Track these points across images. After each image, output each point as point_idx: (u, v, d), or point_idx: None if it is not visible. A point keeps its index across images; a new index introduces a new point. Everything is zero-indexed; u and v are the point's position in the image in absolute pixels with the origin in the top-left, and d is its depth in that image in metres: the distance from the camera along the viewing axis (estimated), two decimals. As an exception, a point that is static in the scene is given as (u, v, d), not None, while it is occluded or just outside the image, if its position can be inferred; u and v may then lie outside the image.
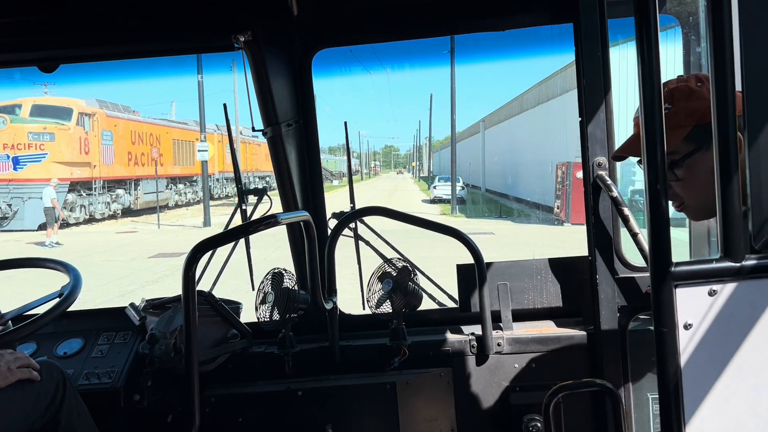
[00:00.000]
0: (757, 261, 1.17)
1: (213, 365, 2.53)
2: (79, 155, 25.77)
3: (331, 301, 2.62)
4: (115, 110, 28.92)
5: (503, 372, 2.59)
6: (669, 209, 1.19)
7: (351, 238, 2.93)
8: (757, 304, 1.18)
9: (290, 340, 2.59)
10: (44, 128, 24.75)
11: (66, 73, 2.76)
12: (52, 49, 2.54)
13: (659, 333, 1.20)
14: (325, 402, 2.53)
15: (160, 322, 2.35)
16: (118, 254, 17.49)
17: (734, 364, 1.20)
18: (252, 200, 2.93)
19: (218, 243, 2.13)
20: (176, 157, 33.50)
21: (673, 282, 1.18)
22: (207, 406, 2.53)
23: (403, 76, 43.50)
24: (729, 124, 1.16)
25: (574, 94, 2.46)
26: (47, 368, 2.20)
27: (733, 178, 1.16)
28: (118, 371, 2.51)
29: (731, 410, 1.21)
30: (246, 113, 2.59)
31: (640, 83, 1.19)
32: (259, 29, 2.38)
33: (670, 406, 1.21)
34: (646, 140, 1.17)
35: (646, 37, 1.16)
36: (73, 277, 2.37)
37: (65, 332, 2.71)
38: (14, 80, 3.40)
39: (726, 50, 1.14)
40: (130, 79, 4.26)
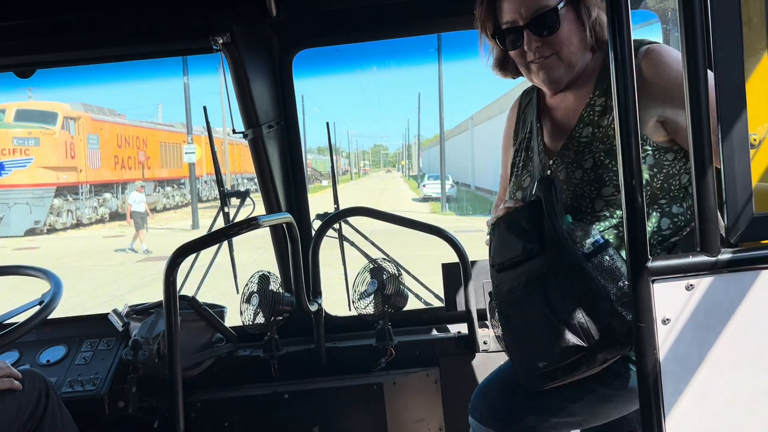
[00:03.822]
0: (732, 255, 1.18)
1: (198, 370, 2.51)
2: (64, 159, 25.55)
3: (316, 302, 2.61)
4: (100, 114, 28.70)
5: (490, 370, 2.58)
6: (645, 204, 1.20)
7: (336, 239, 2.93)
8: (734, 298, 1.19)
9: (276, 343, 2.58)
10: (29, 133, 24.52)
11: (48, 77, 2.72)
12: (28, 54, 2.52)
13: (637, 328, 1.20)
14: (311, 404, 2.52)
15: (143, 328, 2.33)
16: (106, 259, 17.36)
17: (712, 358, 1.20)
18: (235, 203, 2.92)
19: (199, 247, 2.11)
20: (163, 159, 33.31)
21: (651, 277, 1.18)
22: (193, 411, 2.52)
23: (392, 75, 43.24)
24: (703, 119, 1.16)
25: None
26: (29, 377, 2.18)
27: (708, 172, 1.16)
28: (102, 378, 2.49)
29: (710, 403, 1.22)
30: (235, 114, 2.58)
31: (612, 80, 1.19)
32: (238, 31, 2.36)
33: (649, 400, 1.21)
34: (620, 137, 1.17)
35: (619, 32, 1.16)
36: (54, 284, 2.34)
37: (48, 340, 2.68)
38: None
39: (698, 43, 1.14)
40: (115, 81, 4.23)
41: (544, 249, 1.54)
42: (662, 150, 1.62)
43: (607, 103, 1.67)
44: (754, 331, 1.19)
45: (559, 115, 1.79)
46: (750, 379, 1.20)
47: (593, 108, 1.69)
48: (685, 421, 1.21)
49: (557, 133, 1.78)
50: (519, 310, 1.57)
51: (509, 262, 1.61)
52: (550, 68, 1.70)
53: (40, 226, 24.42)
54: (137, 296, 11.16)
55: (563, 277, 1.49)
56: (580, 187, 1.65)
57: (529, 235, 1.57)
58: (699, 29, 1.14)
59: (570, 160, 1.69)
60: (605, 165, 1.63)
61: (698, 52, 1.13)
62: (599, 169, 1.63)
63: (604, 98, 1.68)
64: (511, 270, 1.60)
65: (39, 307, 2.28)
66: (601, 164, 1.63)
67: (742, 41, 1.15)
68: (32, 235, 23.82)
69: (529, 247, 1.56)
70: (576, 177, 1.66)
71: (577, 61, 1.71)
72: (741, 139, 1.17)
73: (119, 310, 2.58)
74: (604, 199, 1.63)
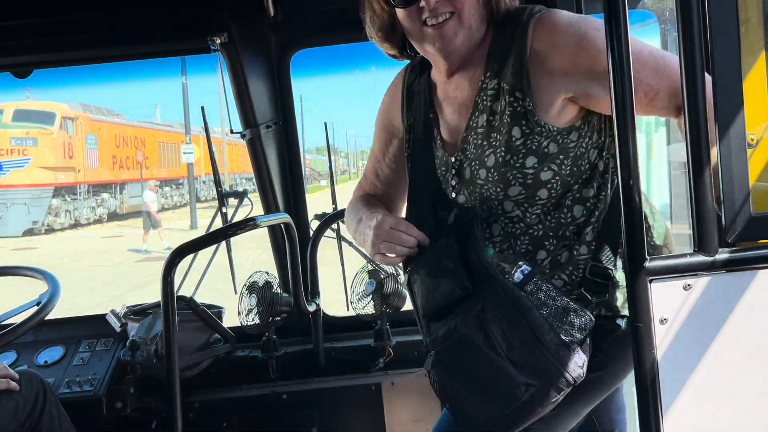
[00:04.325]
0: (730, 254, 1.17)
1: (196, 370, 2.51)
2: (63, 160, 25.52)
3: (314, 303, 2.61)
4: (98, 114, 28.67)
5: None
6: (642, 205, 1.20)
7: (334, 239, 2.93)
8: (731, 297, 1.19)
9: (274, 344, 2.58)
10: (27, 133, 24.48)
11: (46, 77, 2.72)
12: (26, 55, 2.51)
13: (635, 328, 1.20)
14: (310, 405, 2.52)
15: (141, 328, 2.33)
16: (105, 259, 17.35)
17: (710, 357, 1.20)
18: (233, 203, 2.92)
19: (197, 247, 2.12)
20: (162, 160, 33.29)
21: (648, 277, 1.18)
22: (191, 411, 2.52)
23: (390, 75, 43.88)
24: (700, 119, 1.16)
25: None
26: (27, 378, 2.17)
27: (705, 171, 1.16)
28: (100, 379, 2.49)
29: (708, 402, 1.22)
30: (233, 114, 2.58)
31: (610, 79, 1.19)
32: (236, 31, 2.36)
33: (647, 400, 1.21)
34: (618, 136, 1.17)
35: (616, 32, 1.16)
36: (51, 284, 2.34)
37: (46, 340, 2.68)
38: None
39: (695, 43, 1.14)
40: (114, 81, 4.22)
41: (475, 285, 1.40)
42: (564, 133, 1.45)
43: (500, 86, 1.47)
44: (752, 331, 1.19)
45: (454, 103, 1.58)
46: (748, 378, 1.20)
47: (486, 92, 1.49)
48: (683, 421, 1.21)
49: (454, 124, 1.58)
50: (459, 356, 1.41)
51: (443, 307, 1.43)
52: (447, 35, 1.47)
53: (39, 227, 24.39)
54: (136, 296, 11.16)
55: (501, 312, 1.36)
56: (486, 189, 1.49)
57: (456, 274, 1.41)
58: (696, 29, 1.14)
59: (472, 156, 1.52)
60: (507, 162, 1.45)
61: (695, 51, 1.13)
62: (502, 167, 1.46)
63: (496, 80, 1.48)
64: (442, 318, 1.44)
65: (36, 308, 2.28)
66: (503, 161, 1.46)
67: (740, 41, 1.15)
68: (30, 235, 23.78)
69: (463, 287, 1.40)
70: (481, 177, 1.50)
71: (476, 30, 1.50)
72: (738, 139, 1.16)
73: (117, 310, 2.58)
74: (512, 199, 1.48)
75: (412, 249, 1.48)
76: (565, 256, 1.48)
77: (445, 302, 1.43)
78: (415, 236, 1.48)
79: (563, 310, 1.37)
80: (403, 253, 1.49)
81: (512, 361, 1.35)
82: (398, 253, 1.49)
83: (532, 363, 1.34)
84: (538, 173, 1.44)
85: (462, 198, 1.55)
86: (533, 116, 1.43)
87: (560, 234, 1.48)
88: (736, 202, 1.17)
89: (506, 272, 1.40)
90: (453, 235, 1.45)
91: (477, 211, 1.50)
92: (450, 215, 1.49)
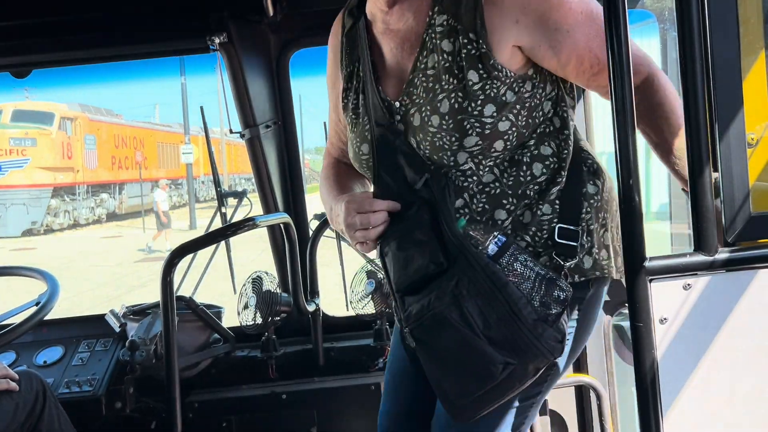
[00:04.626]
0: (729, 254, 1.18)
1: (196, 370, 2.51)
2: (61, 160, 25.49)
3: (314, 303, 2.61)
4: (97, 114, 28.64)
5: None
6: (642, 204, 1.20)
7: (334, 239, 2.93)
8: (731, 297, 1.19)
9: (273, 344, 2.57)
10: (26, 133, 24.46)
11: (45, 78, 2.72)
12: (25, 55, 2.51)
13: (635, 328, 1.20)
14: (309, 404, 2.52)
15: (140, 329, 2.33)
16: (104, 259, 17.34)
17: (710, 357, 1.20)
18: (233, 203, 2.92)
19: (196, 247, 2.12)
20: (161, 160, 33.28)
21: (648, 277, 1.18)
22: (190, 411, 2.51)
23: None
24: (700, 118, 1.16)
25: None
26: (26, 378, 2.17)
27: (705, 171, 1.16)
28: (99, 379, 2.49)
29: (708, 402, 1.22)
30: (232, 114, 2.58)
31: (610, 78, 1.19)
32: (235, 31, 2.36)
33: (647, 399, 1.21)
34: (618, 136, 1.17)
35: (615, 31, 1.16)
36: (51, 285, 2.34)
37: (45, 341, 2.68)
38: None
39: (695, 42, 1.14)
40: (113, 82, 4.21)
41: (449, 260, 1.32)
42: (519, 81, 1.36)
43: (450, 23, 1.35)
44: (751, 331, 1.19)
45: (396, 38, 1.44)
46: (748, 378, 1.20)
47: (434, 29, 1.37)
48: (683, 421, 1.21)
49: (397, 63, 1.44)
50: (434, 334, 1.33)
51: (418, 282, 1.35)
52: None
53: (37, 227, 24.37)
54: (135, 296, 11.15)
55: (476, 288, 1.29)
56: (439, 138, 1.35)
57: (429, 247, 1.33)
58: (696, 28, 1.14)
59: (421, 101, 1.37)
60: (464, 109, 1.33)
61: (695, 51, 1.13)
62: (458, 114, 1.34)
63: (446, 16, 1.36)
64: (417, 292, 1.36)
65: (36, 308, 2.28)
66: (459, 108, 1.33)
67: (739, 40, 1.15)
68: (29, 235, 23.76)
69: (436, 262, 1.32)
70: (433, 125, 1.36)
71: None
72: (738, 139, 1.17)
73: (116, 310, 2.58)
74: (467, 150, 1.35)
75: (386, 222, 1.38)
76: (527, 216, 1.39)
77: (418, 278, 1.35)
78: (383, 209, 1.38)
79: (542, 281, 1.31)
80: (378, 234, 1.39)
81: (489, 338, 1.29)
82: (372, 237, 1.40)
83: (509, 340, 1.28)
84: (497, 123, 1.34)
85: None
86: (489, 60, 1.32)
87: (520, 193, 1.39)
88: (735, 202, 1.17)
89: (479, 244, 1.32)
90: (424, 203, 1.36)
91: (448, 175, 1.37)
92: (419, 180, 1.38)
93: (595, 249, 1.40)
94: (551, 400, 2.42)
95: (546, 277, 1.31)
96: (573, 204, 1.39)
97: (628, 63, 1.17)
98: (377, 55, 1.47)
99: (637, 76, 1.34)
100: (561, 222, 1.38)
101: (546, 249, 1.38)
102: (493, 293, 1.28)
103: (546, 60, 1.35)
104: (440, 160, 1.37)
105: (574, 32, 1.32)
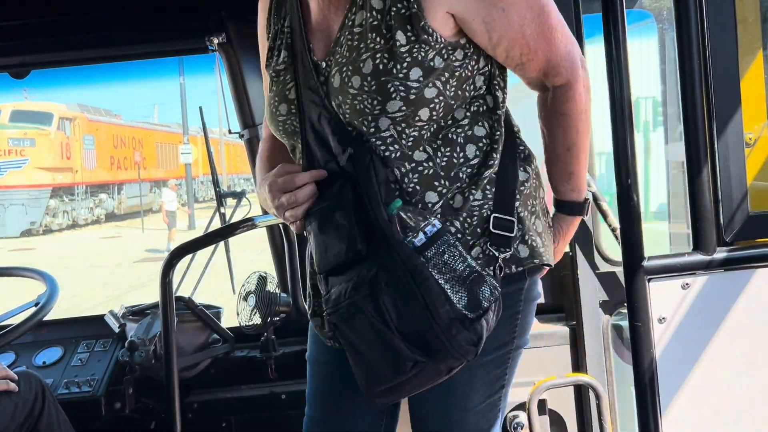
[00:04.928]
0: (727, 253, 1.18)
1: (195, 371, 2.51)
2: (60, 160, 25.48)
3: (313, 302, 2.61)
4: (96, 114, 28.63)
5: None
6: (641, 204, 1.20)
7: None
8: (729, 296, 1.19)
9: (272, 344, 2.57)
10: (24, 134, 24.44)
11: (44, 78, 2.72)
12: (23, 55, 2.51)
13: (634, 327, 1.21)
14: None
15: (139, 329, 2.33)
16: (103, 259, 17.33)
17: (708, 356, 1.21)
18: (232, 203, 2.92)
19: (195, 248, 2.12)
20: (160, 160, 33.27)
21: (647, 276, 1.19)
22: (190, 411, 2.52)
23: (387, 75, 43.29)
24: (698, 118, 1.17)
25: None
26: (25, 378, 2.17)
27: (703, 171, 1.17)
28: (99, 379, 2.48)
29: (706, 401, 1.22)
30: (231, 114, 2.58)
31: (609, 78, 1.19)
32: (233, 31, 2.36)
33: (646, 398, 1.22)
34: (615, 136, 1.18)
35: (614, 32, 1.16)
36: (50, 285, 2.34)
37: (44, 341, 2.68)
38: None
39: (693, 43, 1.15)
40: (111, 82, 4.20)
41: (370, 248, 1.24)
42: (449, 48, 1.28)
43: None
44: (749, 330, 1.20)
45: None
46: (745, 376, 1.21)
47: None
48: (682, 419, 1.21)
49: (328, 24, 1.36)
50: (349, 323, 1.27)
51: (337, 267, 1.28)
52: None
53: (36, 227, 24.36)
54: (134, 297, 11.15)
55: (394, 281, 1.22)
56: (360, 101, 1.27)
57: (349, 233, 1.25)
58: (694, 28, 1.14)
59: (344, 60, 1.29)
60: (389, 71, 1.25)
61: (693, 51, 1.14)
62: (382, 75, 1.25)
63: None
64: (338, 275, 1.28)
65: (35, 309, 2.28)
66: (384, 69, 1.25)
67: (737, 40, 1.15)
68: (28, 236, 23.74)
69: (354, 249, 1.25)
70: (354, 86, 1.27)
71: None
72: (736, 138, 1.17)
73: (115, 311, 2.58)
74: (389, 116, 1.27)
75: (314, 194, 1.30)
76: (458, 201, 1.31)
77: (337, 264, 1.27)
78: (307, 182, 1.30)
79: (468, 277, 1.22)
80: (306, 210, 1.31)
81: (402, 334, 1.22)
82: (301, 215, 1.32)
83: (422, 337, 1.21)
84: (423, 89, 1.26)
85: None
86: (419, 21, 1.25)
87: (452, 175, 1.31)
88: (734, 202, 1.17)
89: (410, 230, 1.23)
90: (347, 181, 1.26)
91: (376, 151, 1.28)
92: (343, 154, 1.28)
93: (527, 236, 1.34)
94: (550, 400, 2.42)
95: (474, 273, 1.23)
96: (507, 191, 1.33)
97: (626, 63, 1.17)
98: (306, 14, 1.38)
99: (557, 78, 1.32)
100: (496, 211, 1.32)
101: (477, 238, 1.31)
102: (411, 288, 1.21)
103: (477, 35, 1.29)
104: (360, 126, 1.28)
105: (509, 12, 1.26)
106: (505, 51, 1.29)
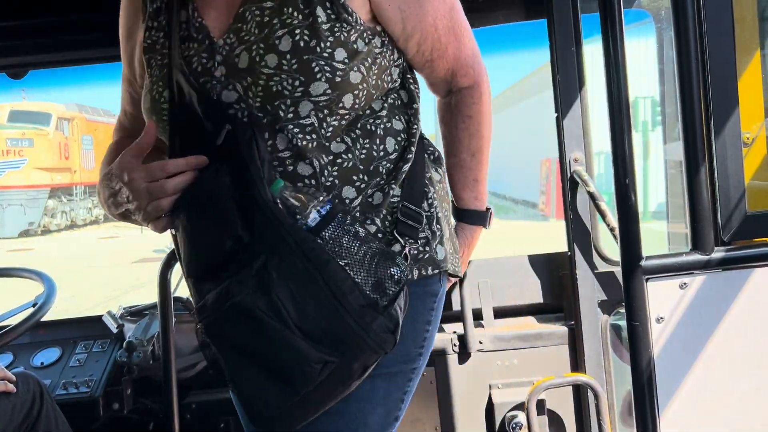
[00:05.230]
0: (725, 253, 1.18)
1: (193, 371, 2.50)
2: (59, 160, 25.47)
3: (312, 302, 2.60)
4: (95, 114, 28.61)
5: (486, 370, 2.59)
6: (638, 204, 1.20)
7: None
8: (727, 296, 1.19)
9: (271, 344, 2.57)
10: (23, 134, 24.42)
11: (42, 78, 2.72)
12: (22, 55, 2.51)
13: (632, 327, 1.21)
14: None
15: (138, 330, 2.33)
16: (102, 260, 17.32)
17: (706, 356, 1.21)
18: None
19: (194, 248, 2.10)
20: (158, 160, 33.28)
21: (644, 276, 1.19)
22: (188, 412, 2.51)
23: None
24: (696, 118, 1.17)
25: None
26: (23, 379, 2.17)
27: (701, 170, 1.17)
28: (97, 380, 2.48)
29: (704, 400, 1.22)
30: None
31: (607, 78, 1.19)
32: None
33: (644, 398, 1.22)
34: (614, 135, 1.18)
35: (611, 31, 1.16)
36: (48, 286, 2.34)
37: (42, 342, 2.68)
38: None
39: (690, 42, 1.15)
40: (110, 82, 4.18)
41: (254, 233, 1.05)
42: (369, 32, 1.18)
43: None
44: (747, 329, 1.20)
45: None
46: (744, 376, 1.21)
47: None
48: (680, 419, 1.22)
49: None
50: (234, 329, 1.06)
51: (212, 264, 1.08)
52: None
53: (35, 228, 24.34)
54: (133, 297, 11.14)
55: (289, 268, 1.03)
56: (277, 81, 1.11)
57: (227, 219, 1.06)
58: (691, 28, 1.14)
59: (253, 38, 1.14)
60: (312, 49, 1.11)
61: (691, 51, 1.14)
62: (304, 53, 1.11)
63: None
64: (214, 274, 1.08)
65: (33, 310, 2.28)
66: (306, 47, 1.11)
67: (735, 40, 1.16)
68: (26, 236, 23.73)
69: (234, 236, 1.06)
70: (269, 65, 1.11)
71: None
72: (734, 138, 1.17)
73: (114, 311, 2.58)
74: (312, 99, 1.12)
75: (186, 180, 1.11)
76: (378, 197, 1.19)
77: (213, 258, 1.08)
78: (181, 169, 1.11)
79: (374, 256, 1.07)
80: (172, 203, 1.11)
81: (304, 332, 1.03)
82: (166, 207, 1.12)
83: (330, 332, 1.03)
84: (349, 72, 1.13)
85: (233, 95, 1.14)
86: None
87: (372, 169, 1.19)
88: (731, 201, 1.17)
89: (298, 212, 1.07)
90: (223, 163, 1.09)
91: (258, 126, 1.12)
92: (220, 133, 1.11)
93: (445, 239, 1.27)
94: (549, 400, 2.42)
95: (379, 252, 1.08)
96: (417, 184, 1.24)
97: (624, 63, 1.17)
98: None
99: (465, 78, 1.30)
100: (405, 200, 1.21)
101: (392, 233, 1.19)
102: (311, 275, 1.03)
103: (392, 23, 1.20)
104: (276, 111, 1.13)
105: (424, 3, 1.21)
106: (417, 44, 1.23)
